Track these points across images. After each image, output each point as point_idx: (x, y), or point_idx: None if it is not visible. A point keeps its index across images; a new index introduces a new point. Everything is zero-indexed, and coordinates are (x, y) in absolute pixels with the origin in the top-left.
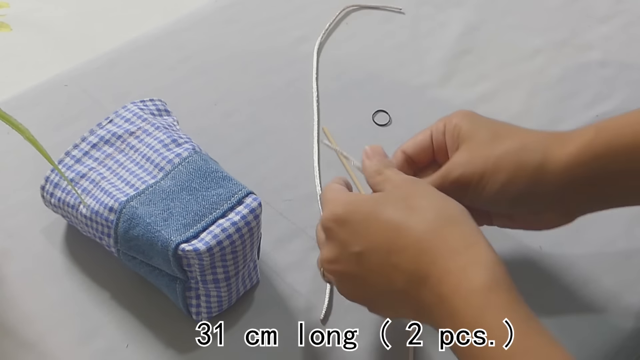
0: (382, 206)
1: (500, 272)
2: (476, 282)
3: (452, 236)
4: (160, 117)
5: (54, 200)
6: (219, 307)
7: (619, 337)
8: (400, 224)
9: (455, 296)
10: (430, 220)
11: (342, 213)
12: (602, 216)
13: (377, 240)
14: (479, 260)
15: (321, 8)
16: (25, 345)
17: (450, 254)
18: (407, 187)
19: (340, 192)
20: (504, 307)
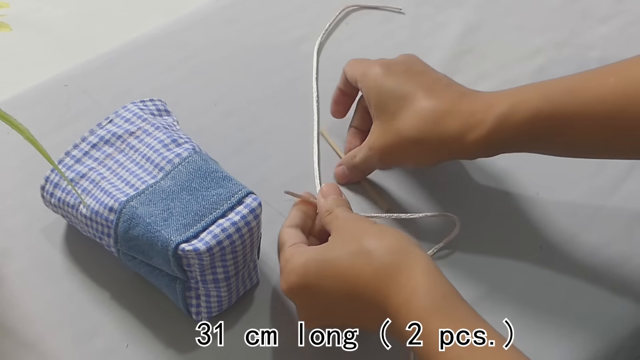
0: (328, 261)
1: (440, 291)
2: (419, 311)
3: (391, 270)
4: (160, 117)
5: (54, 200)
6: (219, 307)
7: (619, 337)
8: (350, 275)
9: (407, 331)
10: (367, 265)
11: (295, 282)
12: (602, 216)
13: (338, 294)
14: (419, 287)
15: (321, 8)
16: (25, 345)
17: (393, 290)
18: (349, 229)
19: (291, 253)
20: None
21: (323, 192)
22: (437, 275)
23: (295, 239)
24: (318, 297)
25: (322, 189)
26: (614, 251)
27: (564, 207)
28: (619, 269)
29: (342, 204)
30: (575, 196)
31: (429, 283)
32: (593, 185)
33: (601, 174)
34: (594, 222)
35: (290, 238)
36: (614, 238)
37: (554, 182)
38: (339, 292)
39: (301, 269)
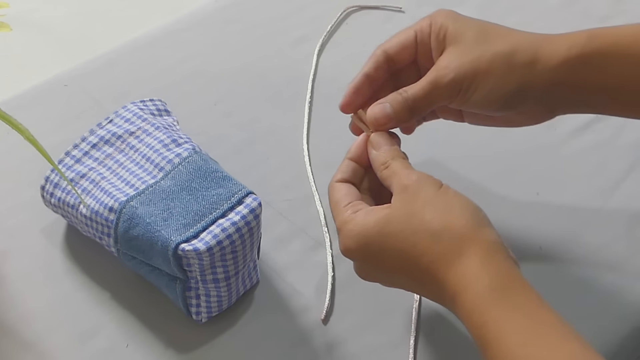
0: (389, 236)
1: (498, 279)
2: (475, 301)
3: (451, 256)
4: (160, 117)
5: (54, 200)
6: (219, 307)
7: (618, 337)
8: (412, 254)
9: (463, 315)
10: (428, 247)
11: (354, 249)
12: (602, 216)
13: (397, 267)
14: (475, 276)
15: (321, 8)
16: (25, 345)
17: (451, 277)
18: (412, 193)
19: (349, 216)
20: (502, 320)
21: (373, 143)
22: (498, 263)
23: (349, 196)
24: (377, 264)
25: (372, 139)
26: (614, 251)
27: (564, 207)
28: (619, 269)
29: (397, 155)
30: (575, 196)
31: (486, 273)
32: (593, 185)
33: (601, 174)
34: (594, 222)
35: (344, 195)
36: (614, 238)
37: (554, 182)
38: (400, 267)
39: (361, 237)
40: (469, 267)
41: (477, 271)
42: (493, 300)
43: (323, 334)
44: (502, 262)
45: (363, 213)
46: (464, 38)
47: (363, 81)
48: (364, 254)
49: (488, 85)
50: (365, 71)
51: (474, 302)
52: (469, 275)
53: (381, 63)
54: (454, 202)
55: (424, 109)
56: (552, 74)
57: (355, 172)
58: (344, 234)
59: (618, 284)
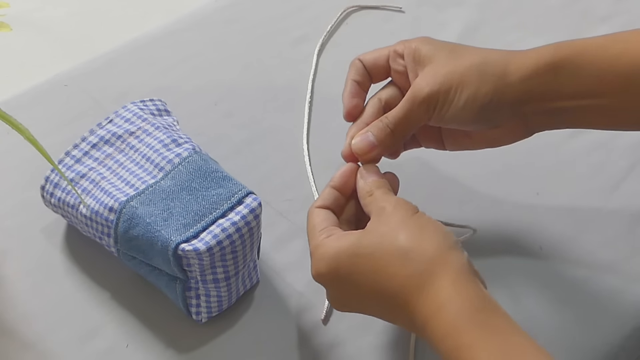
0: (361, 257)
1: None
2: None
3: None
4: (160, 117)
5: (54, 200)
6: (219, 307)
7: (619, 337)
8: (383, 274)
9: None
10: (399, 269)
11: (325, 272)
12: (602, 216)
13: (369, 291)
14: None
15: (321, 8)
16: (25, 345)
17: (423, 300)
18: (387, 217)
19: (322, 240)
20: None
21: (362, 173)
22: (469, 286)
23: (325, 221)
24: (348, 289)
25: (361, 170)
26: (614, 251)
27: (564, 207)
28: (619, 269)
29: (383, 186)
30: (575, 196)
31: (459, 296)
32: (593, 185)
33: (601, 174)
34: (594, 222)
35: (321, 221)
36: (614, 238)
37: (554, 182)
38: (371, 289)
39: (332, 259)
40: (441, 290)
41: (449, 294)
42: (466, 324)
43: (323, 334)
44: (474, 286)
45: (335, 237)
46: (437, 57)
47: (354, 85)
48: (335, 278)
49: (463, 97)
50: (351, 77)
51: (446, 325)
52: (441, 298)
53: (361, 70)
54: (426, 225)
55: (405, 131)
56: (523, 84)
57: (337, 200)
58: (315, 257)
59: (618, 284)
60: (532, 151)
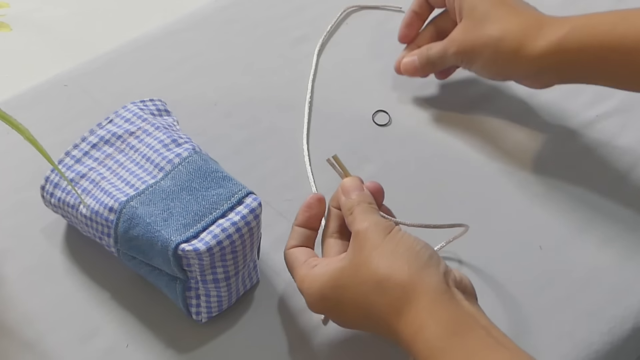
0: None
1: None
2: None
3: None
4: (161, 117)
5: (54, 200)
6: (219, 307)
7: (619, 337)
8: (364, 304)
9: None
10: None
11: (317, 304)
12: (602, 216)
13: (355, 317)
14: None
15: (321, 8)
16: (25, 345)
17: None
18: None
19: (305, 274)
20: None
21: (344, 188)
22: (444, 307)
23: (302, 256)
24: (341, 316)
25: (343, 184)
26: (614, 251)
27: (564, 207)
28: (619, 269)
29: (364, 201)
30: (576, 196)
31: (432, 320)
32: (593, 185)
33: (601, 174)
34: (594, 222)
35: (297, 257)
36: (615, 237)
37: (554, 182)
38: (359, 315)
39: (318, 294)
40: (417, 315)
41: (423, 320)
42: (444, 348)
43: (323, 334)
44: (449, 305)
45: (318, 268)
46: (473, 15)
47: (412, 16)
48: (326, 308)
49: (480, 63)
50: (412, 8)
51: (425, 350)
52: (417, 324)
53: (423, 1)
54: (399, 246)
55: (440, 65)
56: (535, 60)
57: (306, 236)
58: (304, 292)
59: (618, 283)
60: (533, 151)
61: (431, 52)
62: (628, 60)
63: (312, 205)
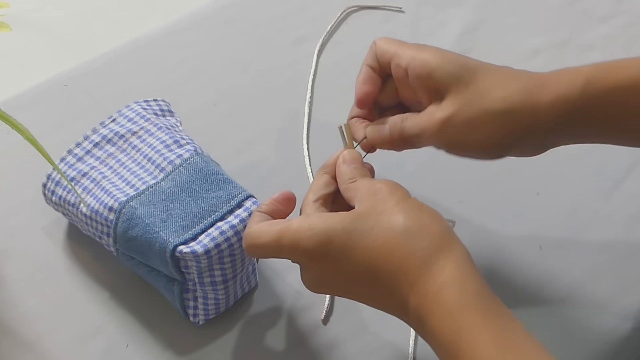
0: (357, 232)
1: (473, 285)
2: (450, 305)
3: (426, 255)
4: (164, 117)
5: (55, 198)
6: (216, 309)
7: (619, 337)
8: (383, 251)
9: (433, 320)
10: (402, 244)
11: (315, 249)
12: (602, 216)
13: (361, 268)
14: (452, 278)
15: (321, 8)
16: (25, 345)
17: (426, 276)
18: (382, 199)
19: (301, 220)
20: (478, 327)
21: (346, 157)
22: (472, 268)
23: (274, 221)
24: (336, 267)
25: (344, 155)
26: (614, 251)
27: (564, 207)
28: (619, 269)
29: (367, 175)
30: (575, 196)
31: (463, 275)
32: (593, 185)
33: (601, 174)
34: (594, 222)
35: (270, 223)
36: (614, 238)
37: (554, 182)
38: (362, 267)
39: (323, 234)
40: (445, 269)
41: (453, 274)
42: (469, 305)
43: (323, 334)
44: (475, 270)
45: (319, 214)
46: (457, 88)
47: (368, 72)
48: (324, 253)
49: (488, 142)
50: (367, 62)
51: (448, 305)
52: (445, 277)
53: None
54: (425, 208)
55: (417, 144)
56: (549, 130)
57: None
58: (302, 235)
59: (618, 284)
60: None
61: (407, 125)
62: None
63: (284, 202)
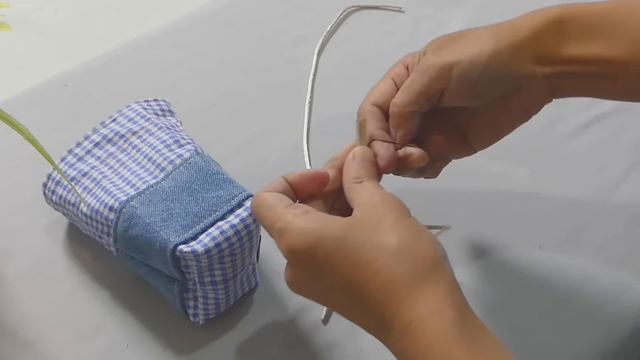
0: (347, 243)
1: (461, 318)
2: (435, 336)
3: (414, 281)
4: (164, 117)
5: (55, 198)
6: (217, 309)
7: (619, 337)
8: (368, 269)
9: (416, 351)
10: (390, 266)
11: (302, 249)
12: (602, 216)
13: (344, 281)
14: (438, 309)
15: (321, 8)
16: (25, 345)
17: (411, 303)
18: (381, 211)
19: (295, 215)
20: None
21: (357, 155)
22: (460, 299)
23: (285, 200)
24: (319, 276)
25: (356, 151)
26: (614, 251)
27: (564, 207)
28: (619, 269)
29: (374, 177)
30: (575, 196)
31: (451, 307)
32: (593, 186)
33: (601, 174)
34: (593, 222)
35: (277, 199)
36: (614, 238)
37: (554, 182)
38: (348, 283)
39: (314, 236)
40: (434, 296)
41: (441, 302)
42: (454, 338)
43: (323, 334)
44: (463, 301)
45: (316, 214)
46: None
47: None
48: (310, 257)
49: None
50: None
51: (436, 334)
52: (432, 305)
53: (378, 116)
54: (421, 230)
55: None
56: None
57: (287, 193)
58: (292, 232)
59: (618, 284)
60: (533, 151)
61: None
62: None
63: (314, 180)
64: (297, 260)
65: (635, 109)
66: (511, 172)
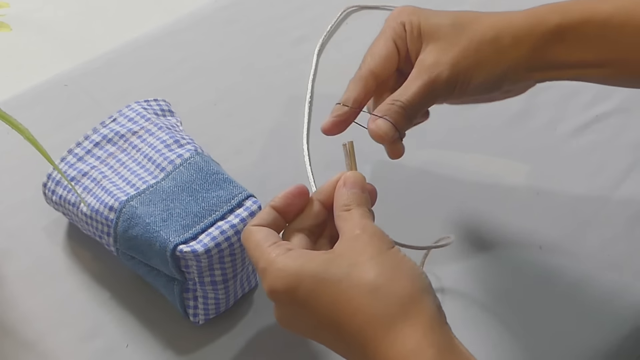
0: (326, 281)
1: (441, 355)
2: None
3: (391, 320)
4: (164, 117)
5: (55, 198)
6: (217, 309)
7: (618, 337)
8: (346, 308)
9: None
10: (366, 305)
11: (282, 290)
12: (602, 216)
13: (325, 319)
14: (419, 347)
15: (321, 8)
16: (25, 345)
17: (390, 341)
18: (361, 245)
19: (277, 254)
20: None
21: (349, 181)
22: (441, 335)
23: (272, 236)
24: (303, 315)
25: (349, 176)
26: (614, 251)
27: (564, 207)
28: (619, 269)
29: (363, 204)
30: (575, 196)
31: (431, 346)
32: (593, 185)
33: (601, 174)
34: (593, 222)
35: (265, 236)
36: (614, 238)
37: (554, 182)
38: (327, 319)
39: (293, 278)
40: (412, 336)
41: (422, 341)
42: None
43: None
44: (445, 335)
45: (297, 254)
46: (441, 32)
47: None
48: (291, 298)
49: (482, 73)
50: (355, 97)
51: None
52: (412, 345)
53: (371, 85)
54: (401, 264)
55: (419, 111)
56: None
57: (276, 223)
58: (272, 274)
59: (618, 283)
60: (533, 151)
61: (405, 98)
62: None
63: (298, 195)
64: (279, 301)
65: (635, 109)
66: (511, 171)
